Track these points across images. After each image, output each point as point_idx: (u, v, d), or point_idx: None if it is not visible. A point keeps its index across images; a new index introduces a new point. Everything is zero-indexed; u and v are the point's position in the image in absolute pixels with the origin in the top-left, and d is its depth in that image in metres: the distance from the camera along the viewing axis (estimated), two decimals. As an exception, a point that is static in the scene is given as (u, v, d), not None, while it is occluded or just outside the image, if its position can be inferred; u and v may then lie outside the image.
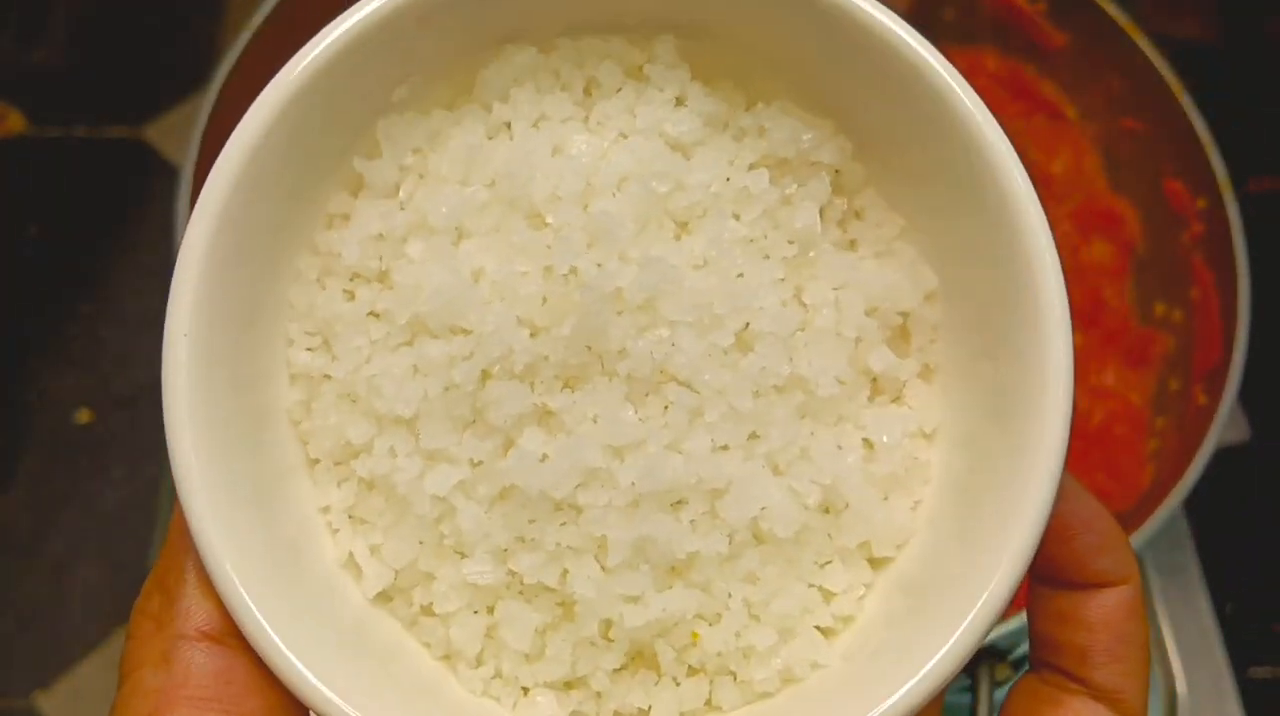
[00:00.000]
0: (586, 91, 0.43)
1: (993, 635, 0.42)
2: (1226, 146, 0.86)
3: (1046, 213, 0.37)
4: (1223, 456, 0.80)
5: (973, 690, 0.75)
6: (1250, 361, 0.81)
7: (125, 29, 1.25)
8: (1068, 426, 0.36)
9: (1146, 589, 0.87)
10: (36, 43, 1.22)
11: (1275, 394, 0.92)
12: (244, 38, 0.83)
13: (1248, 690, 0.87)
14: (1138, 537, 0.77)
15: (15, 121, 1.18)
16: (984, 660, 0.76)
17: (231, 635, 0.35)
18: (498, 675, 0.39)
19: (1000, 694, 0.75)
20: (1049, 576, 0.40)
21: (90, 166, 1.20)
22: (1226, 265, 0.85)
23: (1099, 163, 0.97)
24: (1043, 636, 0.39)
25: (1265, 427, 0.92)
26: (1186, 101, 0.87)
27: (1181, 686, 0.86)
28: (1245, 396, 0.85)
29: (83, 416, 1.10)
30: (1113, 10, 0.90)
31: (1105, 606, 0.38)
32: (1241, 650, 0.88)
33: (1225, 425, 0.80)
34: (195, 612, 0.35)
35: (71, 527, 1.07)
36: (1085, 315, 0.93)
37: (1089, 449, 0.90)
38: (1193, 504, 0.83)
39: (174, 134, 1.19)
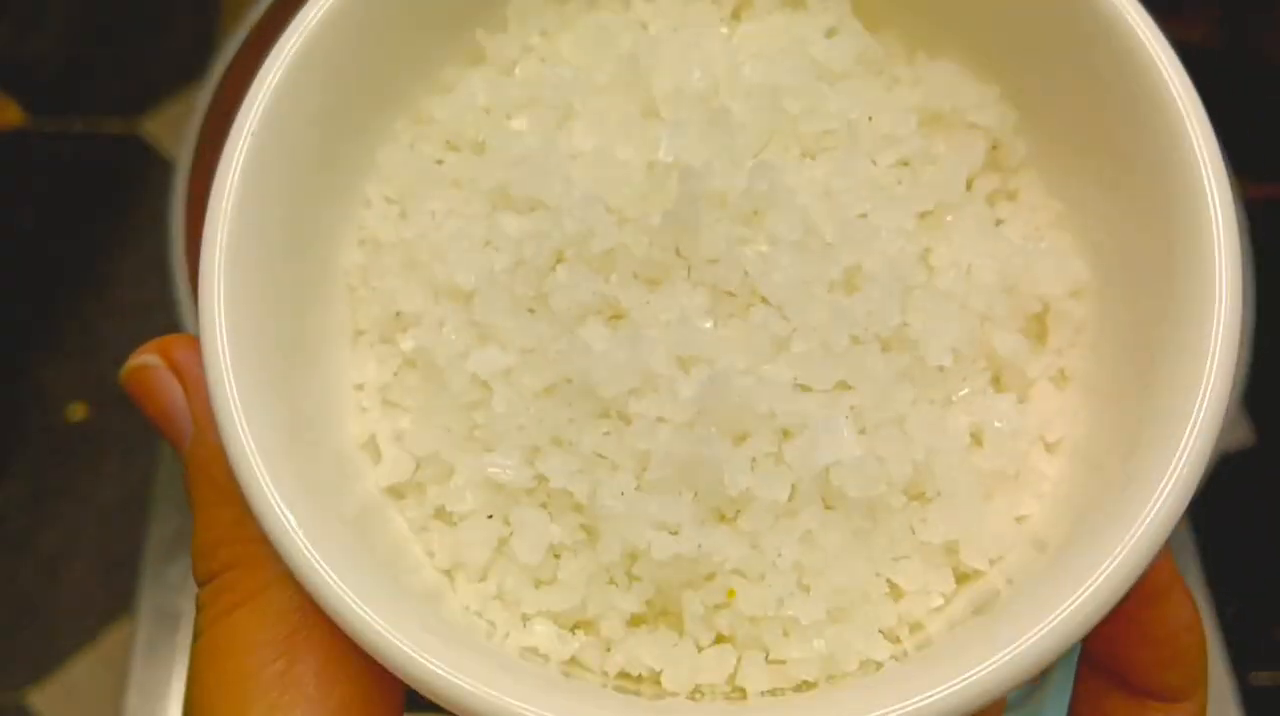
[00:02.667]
0: (735, 15, 0.40)
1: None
2: (1231, 152, 0.81)
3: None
4: (1227, 461, 0.77)
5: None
6: (1256, 368, 0.79)
7: (122, 22, 1.26)
8: (1192, 488, 0.30)
9: None
10: (34, 35, 1.25)
11: (1279, 400, 0.90)
12: (242, 31, 0.82)
13: (1249, 697, 0.84)
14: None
15: (12, 114, 1.22)
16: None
17: None
18: (499, 594, 0.34)
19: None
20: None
21: (87, 159, 1.20)
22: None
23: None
24: (1104, 638, 0.36)
25: (1270, 433, 0.91)
26: None
27: None
28: (1251, 402, 0.84)
29: (78, 411, 1.10)
30: None
31: (1167, 622, 0.35)
32: (1243, 656, 0.86)
33: (1228, 431, 0.75)
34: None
35: (65, 523, 1.06)
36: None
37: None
38: (1194, 509, 0.77)
39: (171, 127, 1.19)
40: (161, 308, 0.77)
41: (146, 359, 0.36)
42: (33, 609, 1.03)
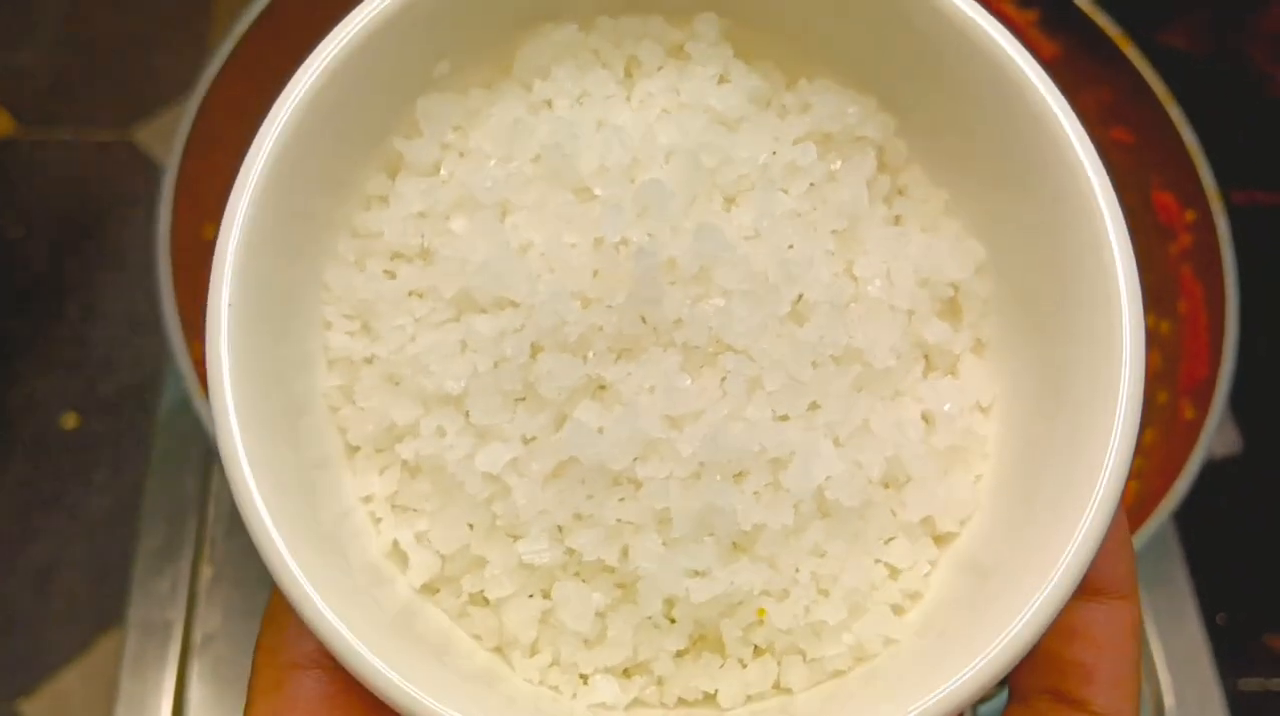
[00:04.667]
0: (627, 72, 0.42)
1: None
2: (1215, 159, 0.86)
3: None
4: (1214, 468, 0.79)
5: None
6: (1243, 374, 0.81)
7: (114, 31, 1.24)
8: (1139, 409, 0.35)
9: None
10: (24, 44, 1.22)
11: (1267, 406, 0.91)
12: (230, 41, 0.83)
13: (1237, 703, 0.85)
14: (1126, 551, 0.76)
15: (3, 123, 1.17)
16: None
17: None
18: (555, 662, 0.37)
19: (984, 708, 0.73)
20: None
21: (78, 169, 1.19)
22: (1215, 278, 0.85)
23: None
24: (1040, 651, 0.37)
25: (1257, 440, 0.92)
26: (1176, 113, 0.87)
27: (1170, 699, 0.85)
28: (1238, 408, 0.84)
29: (68, 421, 1.08)
30: (1103, 21, 0.89)
31: (1113, 624, 0.37)
32: (1231, 663, 0.87)
33: (1215, 437, 0.79)
34: (307, 639, 0.35)
35: (56, 533, 1.04)
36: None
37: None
38: (1182, 516, 0.82)
39: (163, 136, 1.17)
40: (151, 317, 0.78)
41: None
42: (23, 619, 1.02)
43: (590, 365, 0.37)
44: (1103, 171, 0.37)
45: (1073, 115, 0.38)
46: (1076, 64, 0.92)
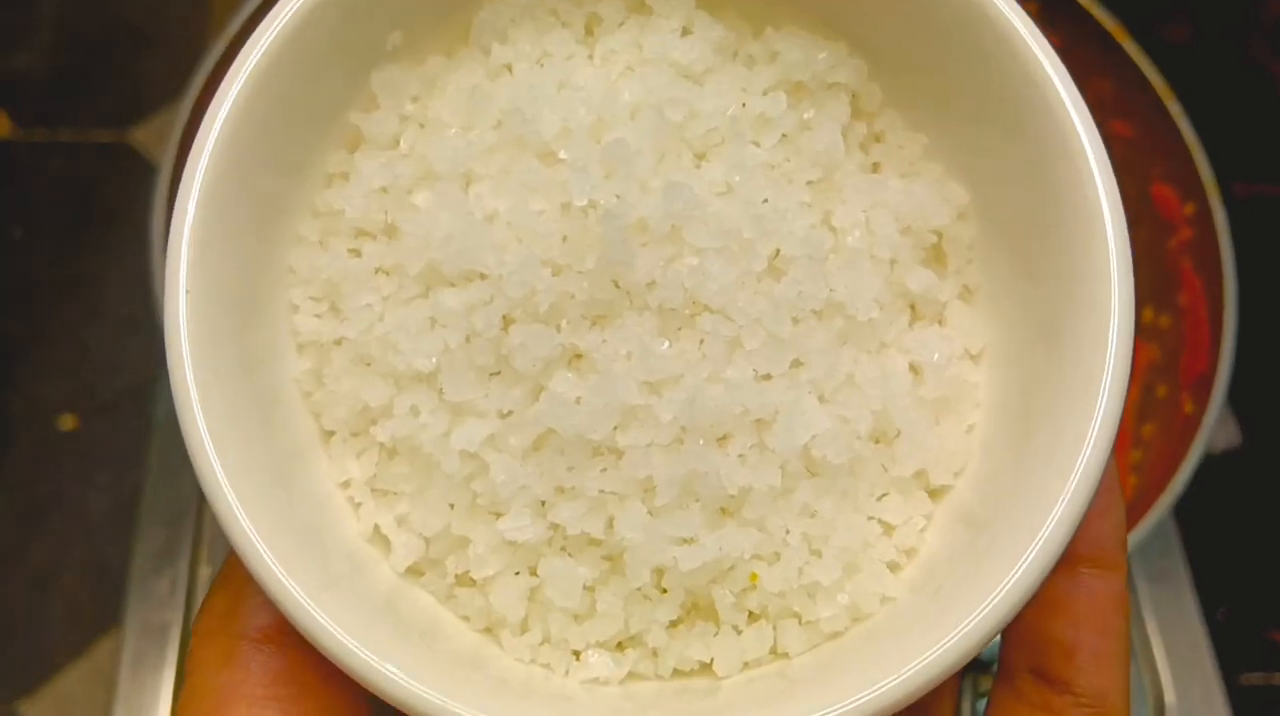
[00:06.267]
0: (589, 30, 0.41)
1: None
2: (1214, 151, 0.85)
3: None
4: (1214, 462, 0.79)
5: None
6: (1243, 367, 0.80)
7: (111, 32, 1.24)
8: (1130, 354, 0.34)
9: (1134, 596, 0.85)
10: (22, 46, 1.22)
11: (1267, 400, 0.91)
12: (225, 42, 0.82)
13: (1238, 698, 0.85)
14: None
15: (1, 125, 1.17)
16: (966, 671, 0.74)
17: (292, 635, 0.33)
18: (546, 640, 0.36)
19: (983, 705, 0.72)
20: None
21: (76, 170, 1.19)
22: (1215, 271, 0.84)
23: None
24: (1023, 627, 0.36)
25: (1257, 433, 0.91)
26: (1175, 107, 0.86)
27: (1171, 695, 0.84)
28: (1238, 402, 0.84)
29: (67, 422, 1.08)
30: (1101, 15, 0.88)
31: (1094, 596, 0.35)
32: (1232, 657, 0.86)
33: (1215, 431, 0.79)
34: (259, 612, 0.35)
35: (55, 534, 1.05)
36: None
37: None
38: (1182, 510, 0.82)
39: (160, 137, 1.17)
40: (149, 319, 0.78)
41: None
42: (23, 620, 1.02)
43: (564, 334, 0.36)
44: (1083, 106, 0.36)
45: (1050, 50, 0.36)
46: (1076, 57, 0.89)
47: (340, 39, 0.37)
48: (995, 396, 0.39)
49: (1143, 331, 0.89)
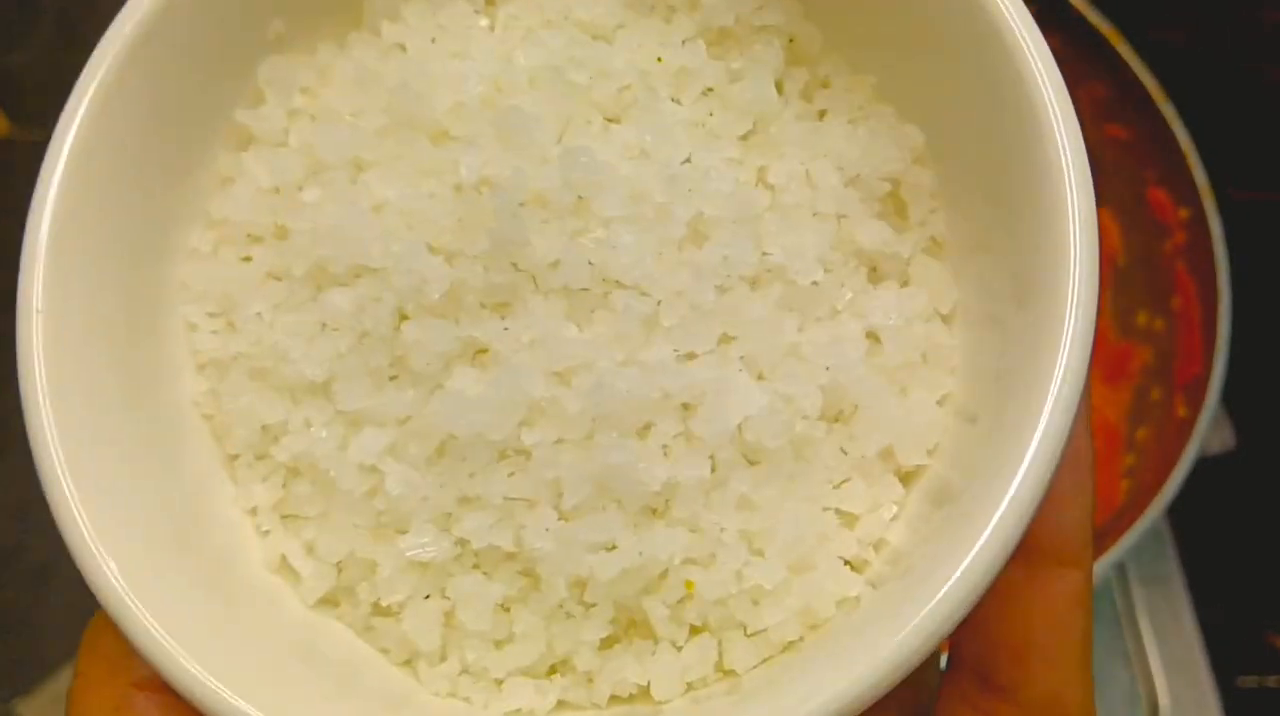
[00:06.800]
0: (490, 1, 0.37)
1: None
2: (1209, 156, 0.85)
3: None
4: (1208, 465, 0.80)
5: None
6: (1237, 370, 0.80)
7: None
8: (1092, 310, 0.29)
9: (1129, 599, 0.84)
10: (19, 45, 1.24)
11: (1261, 403, 0.89)
12: None
13: (1232, 700, 0.84)
14: (1119, 549, 0.75)
15: None
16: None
17: None
18: (464, 670, 0.32)
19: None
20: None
21: None
22: (1209, 274, 0.84)
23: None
24: (975, 622, 0.32)
25: (1251, 436, 0.89)
26: (1170, 110, 0.86)
27: (1165, 698, 0.83)
28: (1232, 405, 0.84)
29: None
30: (1096, 19, 0.87)
31: (1051, 595, 0.32)
32: (1227, 660, 0.85)
33: (1209, 434, 0.80)
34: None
35: (52, 532, 1.04)
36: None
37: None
38: (1176, 513, 0.82)
39: None
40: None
41: None
42: (19, 619, 1.01)
43: (463, 327, 0.32)
44: (1038, 34, 0.31)
45: None
46: (1071, 61, 0.89)
47: (209, 33, 0.34)
48: (973, 360, 0.34)
49: (1137, 334, 0.89)
